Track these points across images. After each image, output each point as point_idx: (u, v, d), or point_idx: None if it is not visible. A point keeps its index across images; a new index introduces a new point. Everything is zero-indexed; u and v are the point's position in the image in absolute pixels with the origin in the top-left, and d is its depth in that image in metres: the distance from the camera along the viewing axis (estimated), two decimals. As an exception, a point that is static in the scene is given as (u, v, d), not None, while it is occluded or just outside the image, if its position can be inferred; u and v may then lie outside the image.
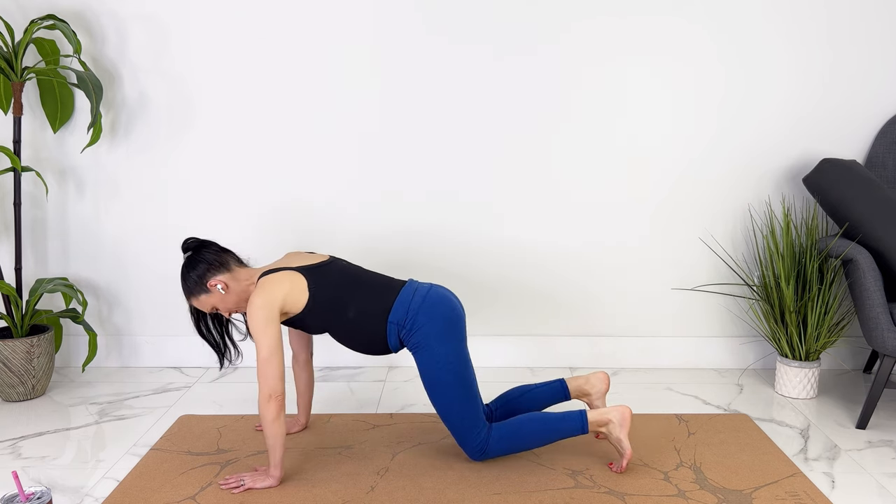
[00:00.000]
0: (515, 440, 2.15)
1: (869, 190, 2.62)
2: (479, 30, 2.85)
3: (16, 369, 2.67)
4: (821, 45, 2.89)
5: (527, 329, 3.08)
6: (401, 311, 2.13)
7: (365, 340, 2.17)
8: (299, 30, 2.87)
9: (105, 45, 2.88)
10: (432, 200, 2.97)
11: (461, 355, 2.12)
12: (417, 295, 2.15)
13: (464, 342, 2.15)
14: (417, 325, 2.11)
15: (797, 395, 2.78)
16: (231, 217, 3.00)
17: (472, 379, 2.13)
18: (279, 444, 2.04)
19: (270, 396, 2.00)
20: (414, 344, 2.12)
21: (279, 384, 2.01)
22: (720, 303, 3.07)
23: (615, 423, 2.14)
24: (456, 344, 2.12)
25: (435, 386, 2.11)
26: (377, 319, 2.13)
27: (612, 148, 2.95)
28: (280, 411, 2.01)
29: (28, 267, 3.00)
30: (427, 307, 2.12)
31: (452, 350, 2.10)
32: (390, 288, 2.18)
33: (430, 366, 2.10)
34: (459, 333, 2.14)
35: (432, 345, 2.10)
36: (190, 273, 2.13)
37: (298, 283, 2.10)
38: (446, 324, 2.12)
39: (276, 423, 2.02)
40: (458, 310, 2.17)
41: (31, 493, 1.65)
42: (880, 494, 2.08)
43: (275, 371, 2.01)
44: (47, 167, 2.95)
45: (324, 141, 2.94)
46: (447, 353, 2.09)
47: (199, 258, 2.14)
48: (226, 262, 2.16)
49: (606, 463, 2.21)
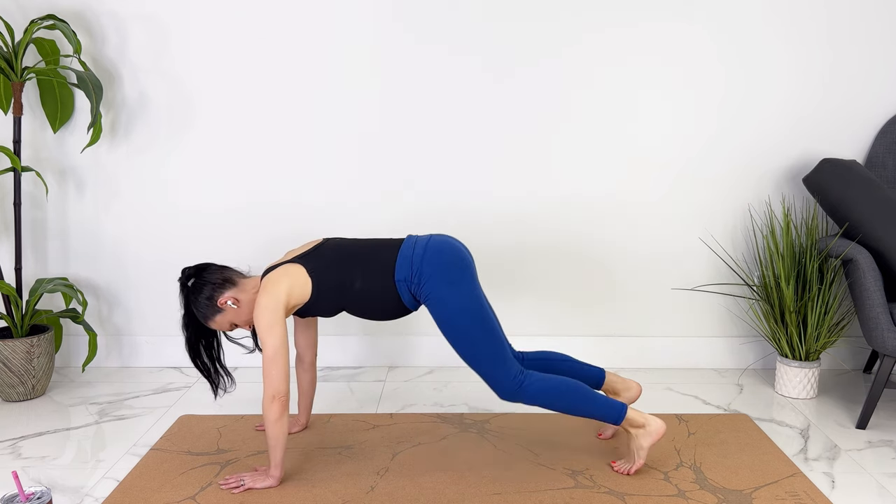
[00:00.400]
0: (556, 397, 2.09)
1: (869, 190, 2.62)
2: (477, 32, 2.85)
3: (16, 369, 2.67)
4: (821, 46, 2.89)
5: (527, 329, 3.08)
6: (405, 267, 2.10)
7: (380, 307, 2.15)
8: (299, 30, 2.87)
9: (105, 45, 2.88)
10: (432, 201, 2.97)
11: (475, 296, 2.08)
12: (418, 247, 2.13)
13: (475, 283, 2.11)
14: (424, 276, 2.08)
15: (797, 395, 2.78)
16: (231, 217, 3.00)
17: (493, 319, 2.10)
18: (280, 445, 2.04)
19: (274, 397, 2.00)
20: (425, 295, 2.09)
21: (283, 385, 2.01)
22: (720, 303, 3.07)
23: (648, 431, 2.11)
24: (468, 286, 2.09)
25: (455, 332, 2.07)
26: (384, 282, 2.11)
27: (612, 148, 2.95)
28: (283, 412, 2.01)
29: (28, 267, 3.00)
30: (430, 256, 2.10)
31: (465, 292, 2.07)
32: (389, 248, 2.16)
33: (445, 313, 2.07)
34: (469, 275, 2.11)
35: (443, 292, 2.07)
36: (199, 298, 2.13)
37: (297, 273, 2.09)
38: (453, 268, 2.09)
39: (278, 424, 2.02)
40: (462, 252, 2.15)
41: (31, 493, 1.65)
42: (880, 494, 2.08)
43: (280, 371, 2.00)
44: (47, 167, 2.95)
45: (324, 141, 2.94)
46: (460, 298, 2.06)
47: (201, 282, 2.14)
48: (229, 277, 2.16)
49: (608, 461, 2.21)
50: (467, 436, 2.41)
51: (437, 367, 3.10)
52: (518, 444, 2.35)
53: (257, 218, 2.99)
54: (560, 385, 2.10)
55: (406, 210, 2.98)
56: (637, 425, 2.12)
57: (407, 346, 3.09)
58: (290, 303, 2.08)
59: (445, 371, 3.05)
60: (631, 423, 2.12)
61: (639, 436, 2.13)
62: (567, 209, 2.99)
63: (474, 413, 2.61)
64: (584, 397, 2.10)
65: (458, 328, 2.07)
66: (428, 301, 2.09)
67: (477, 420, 2.54)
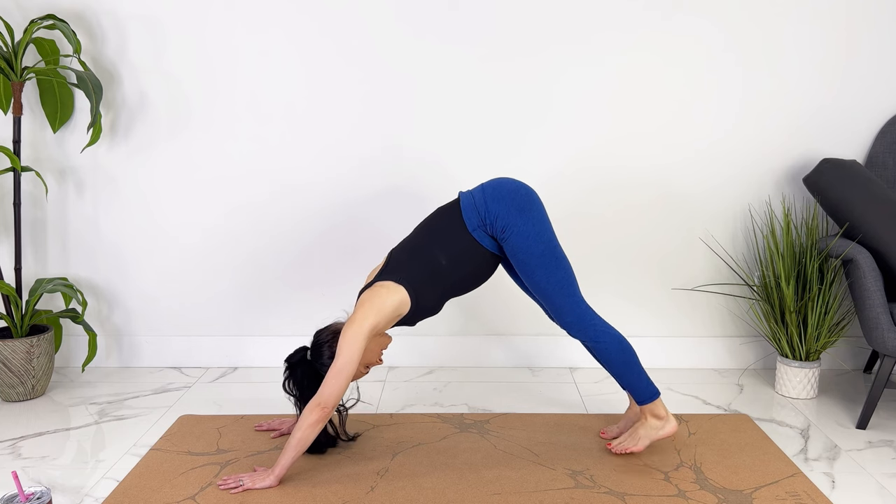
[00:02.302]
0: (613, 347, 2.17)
1: (869, 190, 2.62)
2: (476, 23, 2.86)
3: (16, 369, 2.67)
4: (821, 46, 2.89)
5: (527, 329, 3.08)
6: (473, 215, 2.14)
7: (474, 268, 2.18)
8: (299, 30, 2.87)
9: (105, 45, 2.88)
10: (431, 202, 2.96)
11: (547, 225, 2.14)
12: (476, 194, 2.17)
13: (544, 213, 2.16)
14: (494, 214, 2.12)
15: (797, 395, 2.78)
16: (231, 217, 3.00)
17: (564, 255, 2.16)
18: (299, 450, 2.04)
19: (320, 404, 2.01)
20: (500, 230, 2.12)
21: (334, 399, 2.02)
22: (720, 303, 3.07)
23: (662, 425, 2.22)
24: (538, 213, 2.14)
25: (531, 261, 2.12)
26: (463, 240, 2.14)
27: (612, 147, 2.95)
28: (320, 422, 2.02)
29: (28, 267, 3.00)
30: (492, 195, 2.14)
31: (537, 220, 2.13)
32: (449, 211, 2.19)
33: (521, 243, 2.11)
34: (536, 204, 2.15)
35: (517, 220, 2.11)
36: (323, 360, 2.13)
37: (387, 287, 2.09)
38: (518, 197, 2.14)
39: (309, 429, 2.02)
40: (522, 186, 2.18)
41: (31, 493, 1.65)
42: (880, 494, 2.08)
43: (339, 385, 2.01)
44: (47, 167, 2.95)
45: (324, 141, 2.94)
46: (533, 224, 2.12)
47: (318, 346, 2.16)
48: (336, 329, 2.17)
49: (608, 463, 2.21)
50: (467, 436, 2.41)
51: (437, 367, 3.10)
52: (518, 444, 2.35)
53: (257, 217, 2.99)
54: (620, 338, 2.19)
55: (406, 210, 2.97)
56: (658, 416, 2.21)
57: (407, 346, 3.09)
58: (382, 321, 2.07)
59: (445, 371, 3.05)
60: (654, 411, 2.21)
61: (652, 426, 2.21)
62: (567, 208, 2.99)
63: (474, 413, 2.61)
64: (634, 361, 2.20)
65: (534, 255, 2.11)
66: (504, 235, 2.13)
67: (477, 420, 2.54)
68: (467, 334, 3.09)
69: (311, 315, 3.05)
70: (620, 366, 2.19)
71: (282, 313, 3.07)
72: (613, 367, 2.20)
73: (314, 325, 3.05)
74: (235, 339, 3.07)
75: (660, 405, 2.22)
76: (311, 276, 3.03)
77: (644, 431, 2.23)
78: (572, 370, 3.06)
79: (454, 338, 3.09)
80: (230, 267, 3.03)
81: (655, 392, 2.21)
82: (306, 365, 2.18)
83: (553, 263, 2.13)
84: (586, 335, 2.18)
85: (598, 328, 2.17)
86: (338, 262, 3.02)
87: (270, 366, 3.06)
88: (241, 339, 3.08)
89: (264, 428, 2.44)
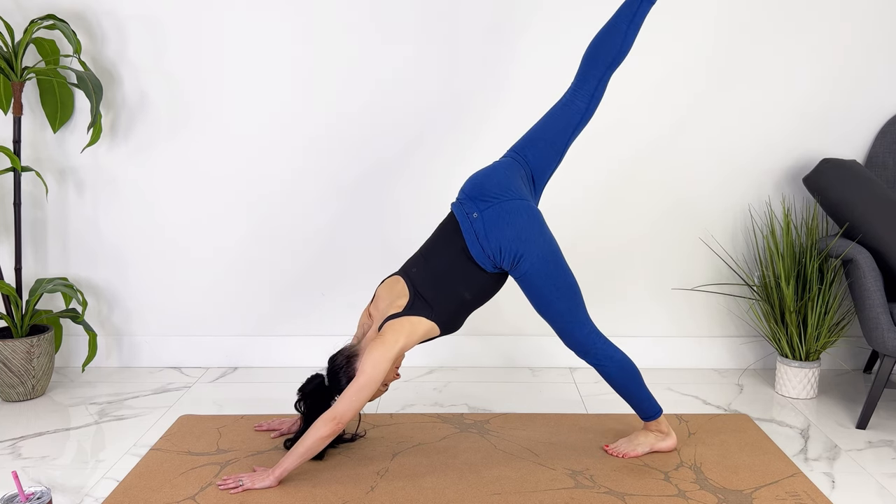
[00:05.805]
0: (618, 368, 2.19)
1: (869, 190, 2.62)
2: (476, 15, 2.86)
3: (16, 369, 2.67)
4: (821, 46, 2.89)
5: (527, 329, 3.08)
6: (483, 259, 2.13)
7: (492, 291, 2.23)
8: (299, 30, 2.87)
9: (105, 45, 2.88)
10: (430, 202, 2.96)
11: (552, 247, 2.15)
12: (477, 228, 2.14)
13: (545, 229, 2.17)
14: (496, 245, 2.12)
15: (797, 395, 2.78)
16: (231, 217, 3.00)
17: (572, 277, 2.18)
18: (303, 458, 2.05)
19: (335, 418, 2.02)
20: (508, 266, 2.14)
21: (350, 416, 2.03)
22: (720, 303, 3.07)
23: (662, 439, 2.27)
24: (537, 235, 2.14)
25: (543, 294, 2.14)
26: (482, 278, 2.17)
27: (612, 147, 2.95)
28: (332, 437, 2.04)
29: (28, 267, 3.00)
30: (491, 230, 2.12)
31: (543, 242, 2.14)
32: (456, 251, 2.16)
33: (532, 280, 2.13)
34: (537, 224, 2.15)
35: (522, 251, 2.11)
36: (340, 382, 2.13)
37: (423, 321, 2.12)
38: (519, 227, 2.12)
39: (319, 442, 2.04)
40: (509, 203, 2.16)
41: (31, 493, 1.65)
42: (880, 494, 2.08)
43: (357, 402, 2.03)
44: (47, 167, 2.95)
45: (324, 141, 2.94)
46: (539, 247, 2.12)
47: (333, 373, 2.15)
48: (349, 353, 2.16)
49: (607, 463, 2.21)
50: (467, 436, 2.41)
51: (437, 367, 3.10)
52: (518, 444, 2.35)
53: (258, 217, 2.99)
54: (625, 359, 2.21)
55: (405, 210, 2.98)
56: (659, 430, 2.28)
57: (407, 346, 3.08)
58: (410, 345, 2.12)
59: (445, 371, 3.05)
60: (657, 427, 2.28)
61: (653, 438, 2.27)
62: (566, 209, 2.99)
63: (474, 413, 2.61)
64: (638, 381, 2.23)
65: (546, 288, 2.13)
66: (515, 271, 2.14)
67: (477, 420, 2.54)
68: (468, 334, 3.09)
69: (311, 315, 3.06)
70: (628, 384, 2.23)
71: (282, 313, 3.07)
72: (622, 386, 2.24)
73: (314, 325, 3.07)
74: (235, 339, 3.08)
75: (662, 422, 2.29)
76: (312, 276, 3.03)
77: (644, 439, 2.28)
78: (572, 370, 3.06)
79: (454, 338, 3.09)
80: (230, 267, 3.03)
81: (658, 410, 2.27)
82: (323, 391, 2.19)
83: (562, 282, 2.15)
84: (596, 358, 2.20)
85: (607, 350, 2.19)
86: (338, 261, 3.02)
87: (270, 366, 3.06)
88: (241, 339, 3.08)
89: (264, 428, 2.44)
